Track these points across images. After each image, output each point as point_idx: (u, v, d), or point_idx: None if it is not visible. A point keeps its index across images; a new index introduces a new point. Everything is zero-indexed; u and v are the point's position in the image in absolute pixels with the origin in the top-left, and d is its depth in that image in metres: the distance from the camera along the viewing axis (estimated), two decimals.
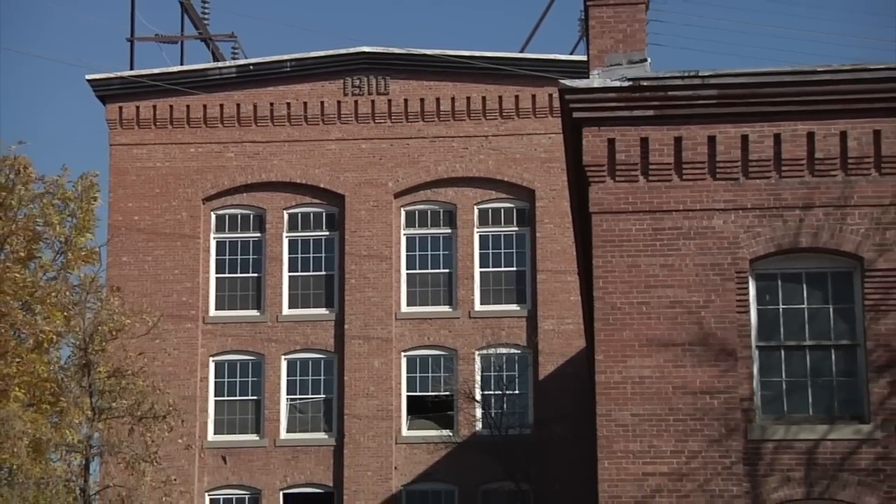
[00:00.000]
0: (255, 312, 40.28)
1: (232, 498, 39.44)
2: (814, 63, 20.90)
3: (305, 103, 40.80)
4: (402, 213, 40.51)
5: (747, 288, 20.67)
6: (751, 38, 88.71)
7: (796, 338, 20.72)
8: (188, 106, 40.92)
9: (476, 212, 40.29)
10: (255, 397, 39.88)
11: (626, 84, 20.88)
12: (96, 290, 29.91)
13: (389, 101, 40.66)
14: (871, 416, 20.20)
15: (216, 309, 40.40)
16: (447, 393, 39.34)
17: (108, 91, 41.19)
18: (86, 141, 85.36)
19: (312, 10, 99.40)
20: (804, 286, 20.84)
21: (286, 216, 40.69)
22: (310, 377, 39.93)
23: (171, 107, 40.97)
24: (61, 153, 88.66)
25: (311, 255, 40.57)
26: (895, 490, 19.89)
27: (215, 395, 39.91)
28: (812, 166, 20.75)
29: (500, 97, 40.30)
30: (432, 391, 39.56)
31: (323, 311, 40.13)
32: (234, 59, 46.10)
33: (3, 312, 26.90)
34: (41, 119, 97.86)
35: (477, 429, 38.67)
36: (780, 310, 20.80)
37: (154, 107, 41.00)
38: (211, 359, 39.99)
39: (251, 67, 41.49)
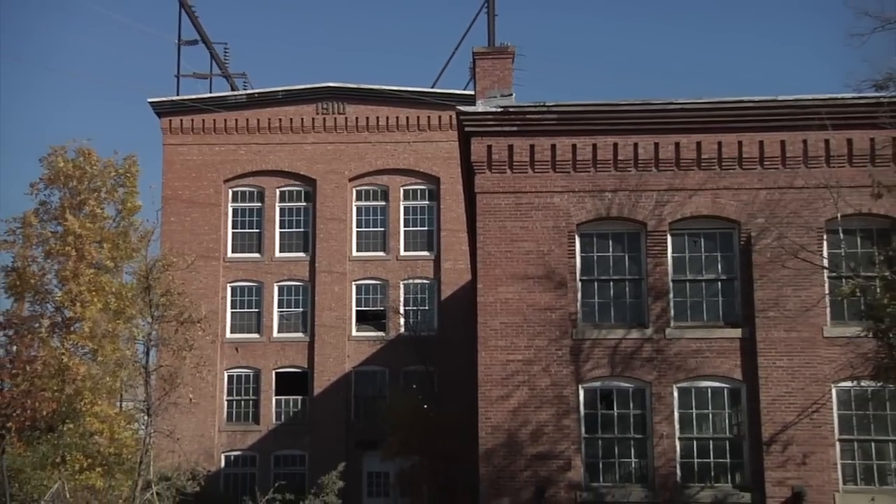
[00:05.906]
0: (257, 255, 39.89)
1: (242, 374, 39.15)
2: (619, 98, 21.12)
3: (291, 119, 40.34)
4: (354, 192, 40.24)
5: (575, 242, 20.91)
6: (580, 81, 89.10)
7: (605, 274, 21.04)
8: (214, 120, 40.29)
9: (402, 191, 40.12)
10: (257, 310, 39.53)
11: (499, 110, 21.00)
12: (149, 240, 29.41)
13: (346, 118, 40.30)
14: (650, 324, 20.63)
15: (232, 252, 39.91)
16: (382, 308, 39.32)
17: (162, 109, 40.42)
18: (141, 142, 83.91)
19: (298, 57, 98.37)
20: (611, 241, 21.13)
21: (278, 192, 40.25)
22: (293, 297, 39.64)
23: (203, 120, 40.31)
24: (124, 150, 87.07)
25: (294, 218, 40.19)
26: (664, 371, 20.41)
27: (231, 308, 39.49)
28: (616, 164, 21.01)
29: (418, 117, 40.10)
30: (372, 307, 39.54)
31: (301, 254, 39.84)
32: (245, 89, 45.33)
33: (83, 249, 26.57)
34: (108, 127, 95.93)
35: (401, 331, 38.66)
36: (595, 256, 21.09)
37: (192, 120, 40.30)
38: (228, 285, 39.54)
39: (256, 95, 40.87)
